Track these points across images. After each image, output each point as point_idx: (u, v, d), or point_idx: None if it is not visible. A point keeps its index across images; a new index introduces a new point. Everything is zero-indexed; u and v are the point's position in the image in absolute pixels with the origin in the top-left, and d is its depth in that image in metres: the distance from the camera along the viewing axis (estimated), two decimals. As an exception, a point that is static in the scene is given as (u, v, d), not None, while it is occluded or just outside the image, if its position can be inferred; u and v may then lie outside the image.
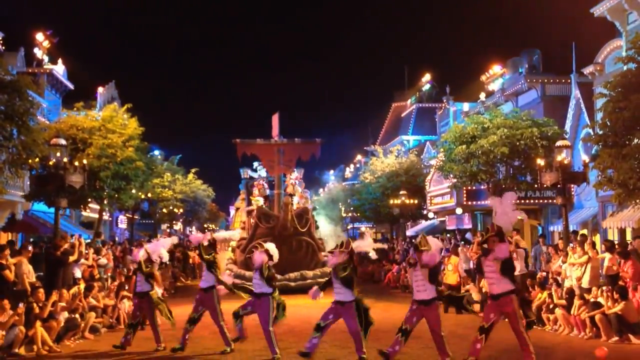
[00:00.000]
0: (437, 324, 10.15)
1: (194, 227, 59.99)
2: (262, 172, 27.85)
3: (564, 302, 14.48)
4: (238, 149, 25.27)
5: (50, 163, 17.59)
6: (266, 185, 28.56)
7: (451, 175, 26.16)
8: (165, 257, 13.23)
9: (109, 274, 19.54)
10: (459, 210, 31.33)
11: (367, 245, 11.73)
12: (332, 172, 64.82)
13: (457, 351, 11.00)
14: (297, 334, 13.33)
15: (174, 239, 15.44)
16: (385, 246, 19.63)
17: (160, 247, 13.15)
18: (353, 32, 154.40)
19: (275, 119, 27.24)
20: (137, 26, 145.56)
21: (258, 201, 27.34)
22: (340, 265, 10.73)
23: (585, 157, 20.22)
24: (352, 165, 61.92)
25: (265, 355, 11.29)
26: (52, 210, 19.91)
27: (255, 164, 29.60)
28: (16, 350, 11.75)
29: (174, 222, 47.37)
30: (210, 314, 12.10)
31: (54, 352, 12.11)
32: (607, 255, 15.32)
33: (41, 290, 13.32)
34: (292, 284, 22.31)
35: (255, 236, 23.48)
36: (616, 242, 17.86)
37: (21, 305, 12.09)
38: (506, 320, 10.25)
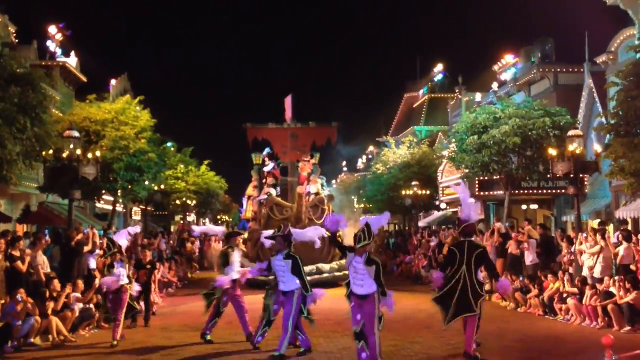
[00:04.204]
0: (372, 322, 9.27)
1: (207, 219, 60.14)
2: (269, 167, 26.71)
3: (575, 290, 14.47)
4: (249, 134, 24.49)
5: (64, 155, 17.74)
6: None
7: (463, 166, 26.10)
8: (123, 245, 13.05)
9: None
10: (471, 201, 31.22)
11: (310, 233, 11.41)
12: (344, 162, 64.92)
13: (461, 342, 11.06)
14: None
15: (137, 228, 15.53)
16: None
17: (125, 237, 13.06)
18: (365, 22, 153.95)
19: (288, 102, 25.96)
20: (149, 17, 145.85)
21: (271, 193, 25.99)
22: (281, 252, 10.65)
23: (598, 147, 20.13)
24: (364, 157, 61.90)
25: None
26: (67, 202, 20.10)
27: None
28: (32, 340, 11.92)
29: (187, 213, 47.51)
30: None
31: (70, 341, 12.24)
32: (624, 245, 15.17)
33: (56, 280, 13.47)
34: (308, 278, 21.52)
35: (269, 228, 22.90)
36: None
37: (20, 298, 12.09)
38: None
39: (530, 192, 27.91)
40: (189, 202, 42.37)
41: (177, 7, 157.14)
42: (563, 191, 25.39)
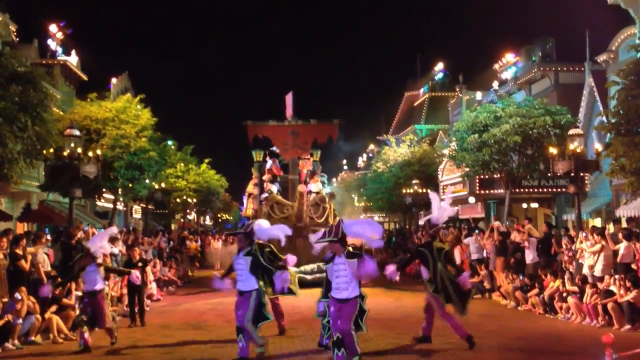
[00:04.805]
0: (349, 320, 9.05)
1: (207, 217, 60.20)
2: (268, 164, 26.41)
3: (575, 288, 14.47)
4: (249, 131, 24.24)
5: (65, 154, 17.75)
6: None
7: (463, 164, 26.10)
8: (108, 251, 12.85)
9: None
10: (471, 199, 31.28)
11: (273, 231, 11.16)
12: (344, 161, 64.93)
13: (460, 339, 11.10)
14: (309, 323, 13.40)
15: (114, 229, 15.23)
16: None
17: (99, 242, 12.12)
18: (365, 20, 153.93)
19: (289, 99, 25.67)
20: (149, 16, 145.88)
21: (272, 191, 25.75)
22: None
23: (598, 146, 20.13)
24: (364, 155, 61.92)
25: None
26: (67, 200, 20.10)
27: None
28: (33, 338, 11.93)
29: (188, 212, 47.55)
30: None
31: (70, 340, 12.24)
32: (624, 244, 15.14)
33: (59, 279, 13.47)
34: (309, 277, 20.99)
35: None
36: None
37: (18, 295, 12.04)
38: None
39: (531, 190, 27.93)
40: (189, 200, 42.40)
41: (177, 6, 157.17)
42: (563, 190, 25.38)
